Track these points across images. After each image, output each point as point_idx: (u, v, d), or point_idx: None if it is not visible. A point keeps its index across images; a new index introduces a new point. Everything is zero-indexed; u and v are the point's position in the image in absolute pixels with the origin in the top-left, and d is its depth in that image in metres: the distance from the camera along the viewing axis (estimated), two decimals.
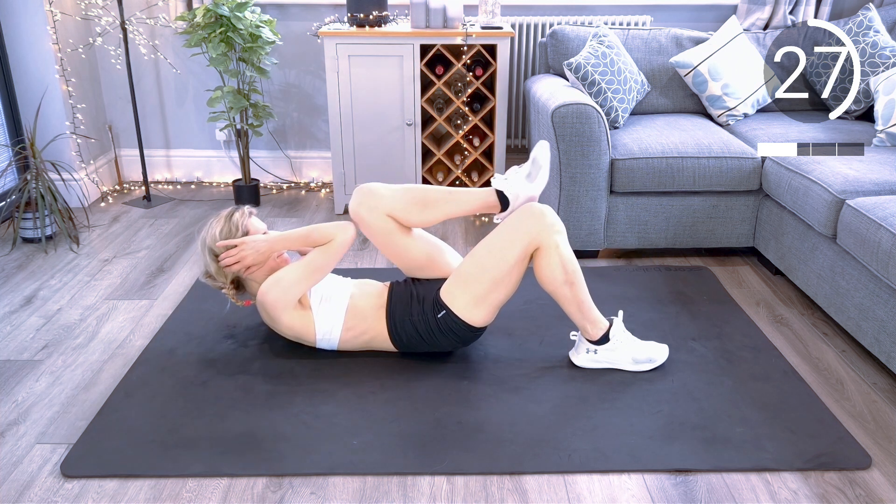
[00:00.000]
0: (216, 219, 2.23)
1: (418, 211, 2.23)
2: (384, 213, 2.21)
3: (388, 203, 2.21)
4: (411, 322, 2.19)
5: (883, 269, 2.12)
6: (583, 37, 3.34)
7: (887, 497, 1.76)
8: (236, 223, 2.21)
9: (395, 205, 2.22)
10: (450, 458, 1.86)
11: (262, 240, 2.19)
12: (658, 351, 2.24)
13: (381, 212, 2.21)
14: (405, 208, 2.22)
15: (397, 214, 2.22)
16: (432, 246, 2.30)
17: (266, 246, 2.18)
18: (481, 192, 2.24)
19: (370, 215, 2.21)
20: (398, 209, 2.22)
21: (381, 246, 2.27)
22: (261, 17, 3.42)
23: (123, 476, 1.81)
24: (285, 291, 2.14)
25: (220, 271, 2.22)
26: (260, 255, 2.18)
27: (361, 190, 2.24)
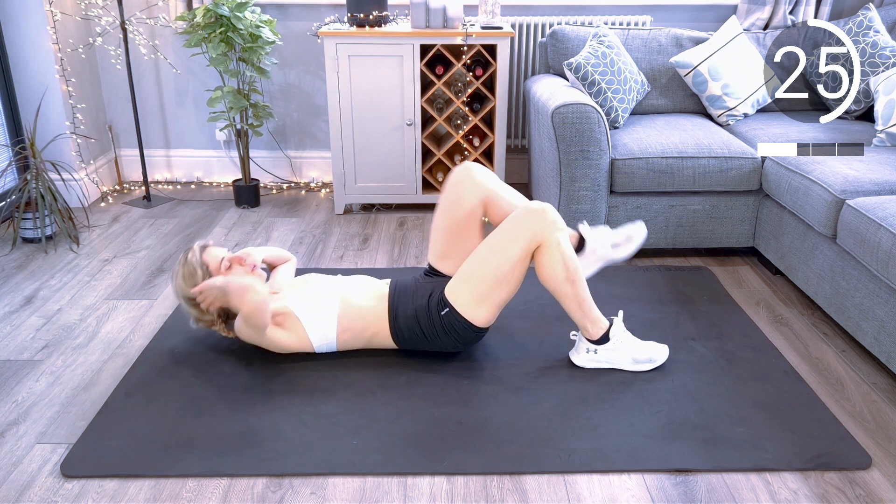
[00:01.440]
0: (176, 267, 2.26)
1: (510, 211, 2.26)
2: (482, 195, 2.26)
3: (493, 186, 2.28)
4: (415, 318, 2.19)
5: (883, 269, 2.12)
6: (583, 37, 3.34)
7: (887, 497, 1.76)
8: (192, 264, 2.23)
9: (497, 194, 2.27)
10: (450, 458, 1.86)
11: (216, 283, 2.17)
12: (658, 351, 2.25)
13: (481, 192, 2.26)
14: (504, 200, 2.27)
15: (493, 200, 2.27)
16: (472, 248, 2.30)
17: (220, 282, 2.16)
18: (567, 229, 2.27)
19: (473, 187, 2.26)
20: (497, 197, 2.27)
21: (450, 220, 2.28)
22: (261, 17, 3.42)
23: (123, 476, 1.81)
24: (254, 326, 2.16)
25: (204, 313, 2.25)
26: (221, 293, 2.18)
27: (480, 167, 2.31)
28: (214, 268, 2.24)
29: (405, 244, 3.25)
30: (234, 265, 2.26)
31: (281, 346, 2.23)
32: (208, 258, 2.25)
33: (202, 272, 2.22)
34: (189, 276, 2.22)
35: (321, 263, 3.04)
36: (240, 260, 2.27)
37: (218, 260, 2.25)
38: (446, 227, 2.29)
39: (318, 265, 3.02)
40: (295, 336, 2.22)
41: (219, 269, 2.24)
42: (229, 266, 2.25)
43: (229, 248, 3.17)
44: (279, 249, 2.55)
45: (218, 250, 2.28)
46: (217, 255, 2.26)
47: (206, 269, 2.23)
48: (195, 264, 2.22)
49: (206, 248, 2.28)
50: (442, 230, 2.30)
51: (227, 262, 2.25)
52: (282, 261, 2.53)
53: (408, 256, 3.12)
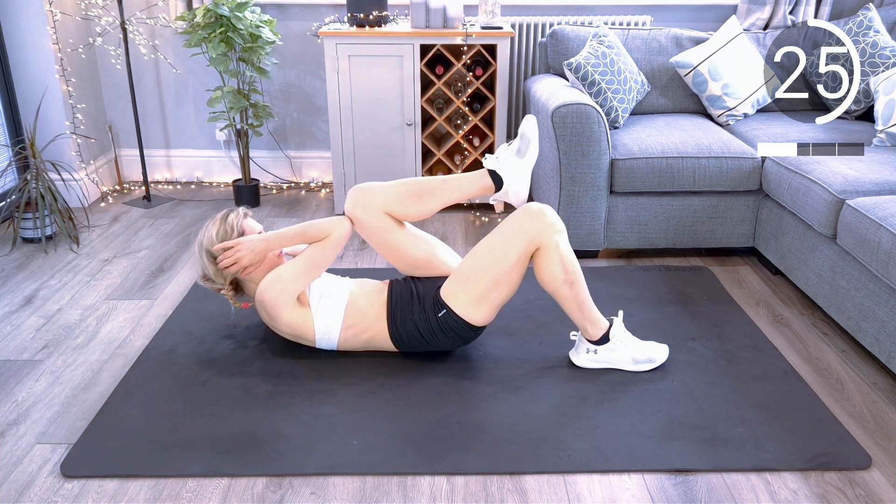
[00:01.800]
0: (212, 221, 2.23)
1: (414, 203, 2.24)
2: (380, 210, 2.22)
3: (384, 199, 2.22)
4: (412, 321, 2.19)
5: (883, 269, 2.12)
6: (583, 37, 3.34)
7: (887, 497, 1.76)
8: (232, 224, 2.21)
9: (390, 200, 2.22)
10: (450, 458, 1.86)
11: (257, 239, 2.18)
12: (658, 351, 2.24)
13: (378, 209, 2.22)
14: (401, 202, 2.23)
15: (393, 209, 2.23)
16: (428, 244, 2.31)
17: (262, 245, 2.17)
18: (474, 175, 2.26)
19: (366, 214, 2.21)
20: (394, 204, 2.22)
21: (379, 245, 2.27)
22: (261, 17, 3.42)
23: (123, 476, 1.81)
24: (284, 289, 2.14)
25: (219, 273, 2.21)
26: (256, 254, 2.17)
27: (355, 190, 2.24)
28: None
29: None
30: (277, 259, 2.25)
31: (285, 324, 2.20)
32: (247, 227, 2.24)
33: (237, 236, 2.20)
34: (223, 235, 2.19)
35: None
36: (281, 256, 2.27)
37: (254, 232, 2.24)
38: (385, 251, 2.28)
39: None
40: (301, 321, 2.20)
41: None
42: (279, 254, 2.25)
43: None
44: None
45: (256, 224, 2.28)
46: (254, 228, 2.26)
47: (242, 234, 2.22)
48: (234, 226, 2.20)
49: (247, 216, 2.27)
50: (386, 254, 2.29)
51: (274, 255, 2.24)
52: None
53: None
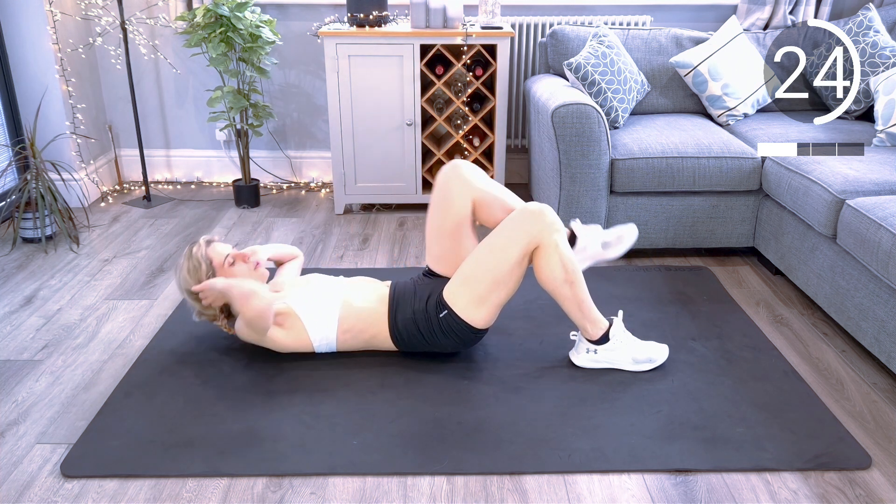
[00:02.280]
0: (181, 261, 2.26)
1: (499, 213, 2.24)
2: (475, 195, 2.23)
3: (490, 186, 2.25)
4: (413, 321, 2.19)
5: (883, 269, 2.12)
6: (583, 37, 3.34)
7: (887, 497, 1.76)
8: (197, 258, 2.23)
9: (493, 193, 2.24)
10: (450, 458, 1.86)
11: (217, 284, 2.17)
12: (658, 351, 2.24)
13: (475, 192, 2.23)
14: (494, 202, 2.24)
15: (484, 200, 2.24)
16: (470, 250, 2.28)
17: (221, 285, 2.17)
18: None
19: (463, 188, 2.23)
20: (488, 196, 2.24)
21: (439, 218, 2.27)
22: (261, 17, 3.42)
23: (123, 476, 1.81)
24: (256, 329, 2.17)
25: (207, 308, 2.25)
26: (222, 294, 2.18)
27: (468, 164, 2.26)
28: (218, 264, 2.23)
29: (405, 244, 3.25)
30: (237, 262, 2.26)
31: (281, 345, 2.23)
32: (213, 253, 2.24)
33: (206, 267, 2.22)
34: (193, 271, 2.22)
35: (321, 263, 3.04)
36: (244, 257, 2.27)
37: (222, 256, 2.24)
38: (439, 228, 2.28)
39: (318, 265, 3.02)
40: (295, 336, 2.22)
41: (222, 265, 2.23)
42: (233, 263, 2.25)
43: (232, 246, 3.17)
44: (286, 246, 2.55)
45: (223, 246, 2.28)
46: (221, 252, 2.26)
47: (210, 264, 2.23)
48: (200, 258, 2.22)
49: (210, 243, 2.27)
50: (435, 232, 2.30)
51: (231, 258, 2.25)
52: (289, 257, 2.54)
53: (408, 256, 3.12)
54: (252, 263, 2.27)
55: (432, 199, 2.30)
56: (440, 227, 2.28)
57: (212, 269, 2.22)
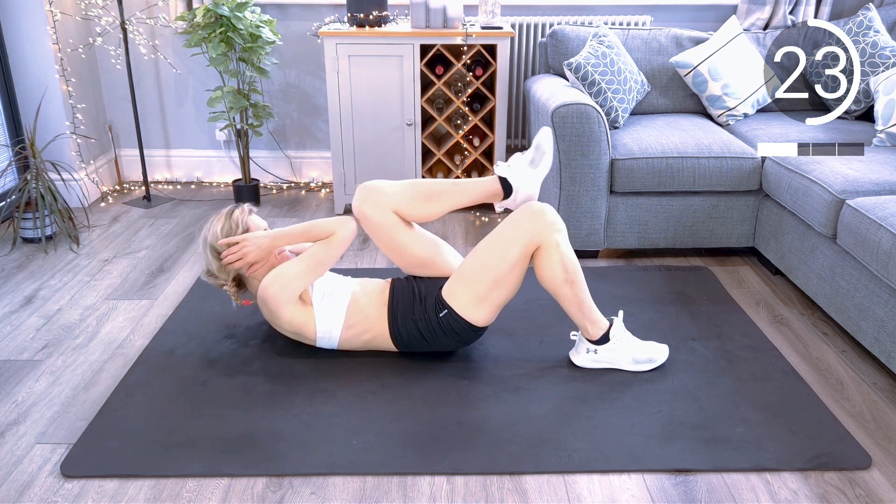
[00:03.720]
0: (217, 217, 2.24)
1: (423, 204, 2.24)
2: (389, 208, 2.22)
3: (393, 198, 2.22)
4: (413, 321, 2.19)
5: (883, 269, 2.12)
6: (583, 37, 3.34)
7: (887, 497, 1.76)
8: (237, 220, 2.21)
9: (399, 199, 2.22)
10: (450, 458, 1.86)
11: (263, 236, 2.19)
12: (658, 351, 2.24)
13: (386, 207, 2.21)
14: (410, 202, 2.23)
15: (402, 209, 2.23)
16: (433, 244, 2.31)
17: (267, 242, 2.18)
18: (484, 181, 2.26)
19: (374, 212, 2.21)
20: (403, 203, 2.22)
21: (384, 243, 2.27)
22: (261, 17, 3.42)
23: (123, 476, 1.81)
24: (286, 286, 2.14)
25: (222, 269, 2.22)
26: (261, 251, 2.18)
27: (365, 187, 2.24)
28: None
29: None
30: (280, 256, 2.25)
31: (287, 322, 2.20)
32: (251, 223, 2.24)
33: (242, 232, 2.21)
34: (228, 231, 2.20)
35: None
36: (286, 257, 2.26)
37: (260, 229, 2.24)
38: (388, 249, 2.28)
39: None
40: (303, 320, 2.20)
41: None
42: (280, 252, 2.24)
43: None
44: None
45: (261, 220, 2.28)
46: (259, 225, 2.26)
47: (247, 231, 2.22)
48: (239, 222, 2.21)
49: (252, 213, 2.27)
50: (393, 255, 2.30)
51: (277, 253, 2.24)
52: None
53: None
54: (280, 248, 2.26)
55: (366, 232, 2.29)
56: (388, 247, 2.27)
57: None
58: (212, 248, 2.21)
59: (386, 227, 2.23)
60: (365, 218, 2.22)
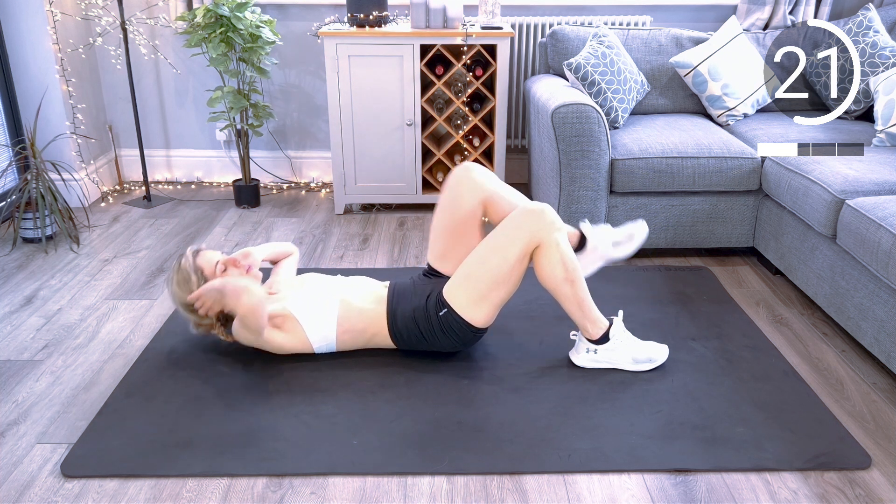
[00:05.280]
0: (170, 274, 2.26)
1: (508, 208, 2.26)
2: (482, 195, 2.25)
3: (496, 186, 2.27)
4: (413, 319, 2.19)
5: (883, 269, 2.12)
6: (583, 37, 3.34)
7: (887, 497, 1.76)
8: (185, 270, 2.22)
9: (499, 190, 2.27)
10: (450, 458, 1.86)
11: (214, 286, 2.16)
12: (658, 351, 2.25)
13: (480, 193, 2.25)
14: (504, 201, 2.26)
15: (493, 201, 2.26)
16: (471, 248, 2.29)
17: (218, 285, 2.16)
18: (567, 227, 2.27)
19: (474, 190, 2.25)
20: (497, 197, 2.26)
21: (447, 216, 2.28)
22: (261, 17, 3.42)
23: (123, 476, 1.81)
24: (251, 328, 2.16)
25: (203, 318, 2.25)
26: (219, 295, 2.16)
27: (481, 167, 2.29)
28: (209, 272, 2.22)
29: (405, 244, 3.25)
30: (228, 268, 2.25)
31: (280, 347, 2.23)
32: (202, 262, 2.23)
33: (197, 277, 2.21)
34: (184, 283, 2.21)
35: (321, 263, 3.04)
36: (234, 262, 2.26)
37: (213, 264, 2.23)
38: (446, 227, 2.29)
39: (318, 265, 3.02)
40: (294, 338, 2.22)
41: (213, 273, 2.22)
42: (224, 269, 2.24)
43: (228, 249, 3.17)
44: (280, 244, 2.55)
45: (212, 254, 2.27)
46: (211, 259, 2.25)
47: (201, 273, 2.22)
48: (189, 270, 2.21)
49: (199, 253, 2.26)
50: (441, 230, 2.30)
51: (222, 265, 2.24)
52: (284, 255, 2.53)
53: (408, 256, 3.12)
54: (244, 268, 2.26)
55: (441, 198, 2.32)
56: (447, 225, 2.28)
57: (203, 279, 2.21)
58: (183, 306, 2.24)
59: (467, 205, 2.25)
60: (458, 183, 2.26)
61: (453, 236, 2.28)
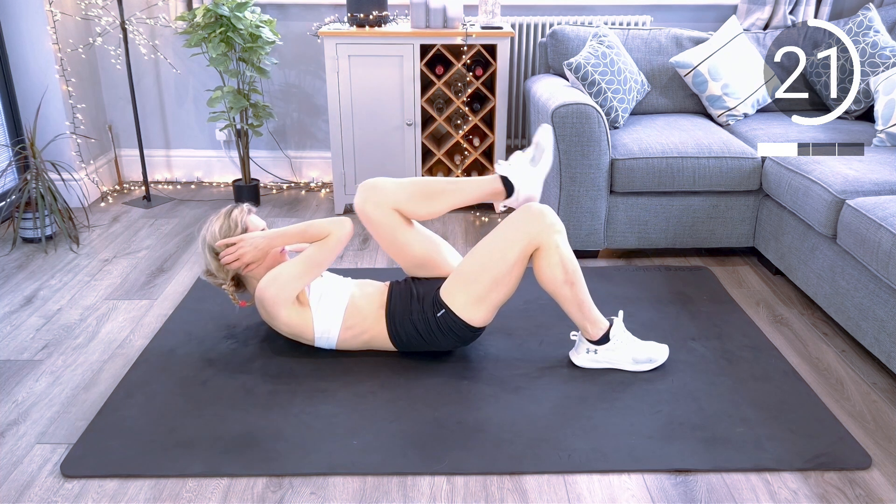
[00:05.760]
0: (216, 216, 2.24)
1: (424, 202, 2.24)
2: (390, 207, 2.22)
3: (394, 197, 2.22)
4: (411, 321, 2.19)
5: (883, 269, 2.12)
6: (583, 37, 3.34)
7: (887, 497, 1.76)
8: (235, 220, 2.21)
9: (400, 198, 2.22)
10: (450, 458, 1.86)
11: (259, 236, 2.19)
12: (658, 351, 2.25)
13: (387, 206, 2.22)
14: (410, 200, 2.23)
15: (403, 207, 2.23)
16: (433, 243, 2.31)
17: (264, 242, 2.18)
18: (486, 180, 2.26)
19: (376, 210, 2.21)
20: (403, 202, 2.23)
21: (385, 242, 2.27)
22: (261, 17, 3.42)
23: (123, 476, 1.81)
24: (283, 287, 2.14)
25: (221, 268, 2.22)
26: (258, 251, 2.18)
27: (366, 185, 2.24)
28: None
29: None
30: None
31: (284, 323, 2.21)
32: (250, 223, 2.25)
33: (241, 232, 2.21)
34: (227, 230, 2.21)
35: None
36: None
37: (258, 228, 2.26)
38: (389, 247, 2.28)
39: None
40: (300, 321, 2.21)
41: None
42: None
43: None
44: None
45: (259, 220, 2.29)
46: (258, 225, 2.27)
47: (245, 230, 2.22)
48: (238, 222, 2.21)
49: (251, 213, 2.28)
50: (392, 251, 2.30)
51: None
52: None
53: None
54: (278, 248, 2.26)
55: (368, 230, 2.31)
56: (389, 246, 2.28)
57: None
58: (210, 248, 2.21)
59: (387, 225, 2.23)
60: (366, 216, 2.23)
61: (401, 248, 2.27)
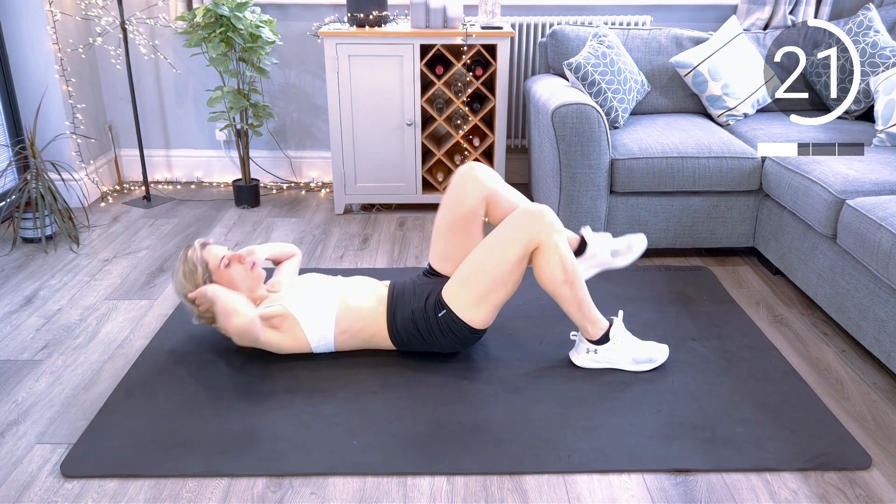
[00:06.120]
0: (176, 264, 2.27)
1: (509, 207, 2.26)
2: (488, 193, 2.25)
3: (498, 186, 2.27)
4: (412, 321, 2.19)
5: (883, 269, 2.12)
6: (583, 37, 3.34)
7: (887, 497, 1.76)
8: (192, 262, 2.23)
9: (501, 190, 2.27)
10: (450, 458, 1.86)
11: (207, 293, 2.16)
12: (658, 351, 2.25)
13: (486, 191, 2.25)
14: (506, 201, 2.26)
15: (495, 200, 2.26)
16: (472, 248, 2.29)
17: (211, 294, 2.16)
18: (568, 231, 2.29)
19: (476, 187, 2.24)
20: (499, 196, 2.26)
21: (448, 213, 2.28)
22: (261, 17, 3.42)
23: (123, 476, 1.81)
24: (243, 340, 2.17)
25: (205, 312, 2.25)
26: (217, 299, 2.14)
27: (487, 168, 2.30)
28: (214, 266, 2.23)
29: (405, 244, 3.25)
30: (233, 263, 2.25)
31: (279, 347, 2.23)
32: (208, 256, 2.24)
33: (202, 270, 2.22)
34: (189, 275, 2.22)
35: (321, 263, 3.04)
36: (239, 258, 2.26)
37: (218, 258, 2.24)
38: (448, 225, 2.29)
39: (318, 265, 3.02)
40: (292, 337, 2.22)
41: (218, 267, 2.23)
42: (228, 264, 2.24)
43: (229, 248, 3.17)
44: (283, 245, 2.56)
45: (218, 248, 2.28)
46: (217, 254, 2.26)
47: (206, 266, 2.22)
48: (195, 262, 2.22)
49: (206, 246, 2.27)
50: (444, 229, 2.30)
51: (227, 259, 2.24)
52: (286, 256, 2.55)
53: (408, 257, 3.12)
54: (248, 264, 2.26)
55: (445, 196, 2.31)
56: (450, 223, 2.28)
57: (208, 272, 2.22)
58: (186, 299, 2.25)
59: (468, 203, 2.24)
60: (464, 181, 2.25)
61: (455, 235, 2.27)
